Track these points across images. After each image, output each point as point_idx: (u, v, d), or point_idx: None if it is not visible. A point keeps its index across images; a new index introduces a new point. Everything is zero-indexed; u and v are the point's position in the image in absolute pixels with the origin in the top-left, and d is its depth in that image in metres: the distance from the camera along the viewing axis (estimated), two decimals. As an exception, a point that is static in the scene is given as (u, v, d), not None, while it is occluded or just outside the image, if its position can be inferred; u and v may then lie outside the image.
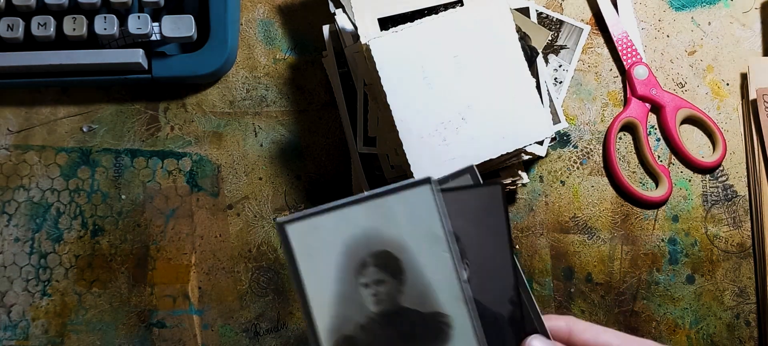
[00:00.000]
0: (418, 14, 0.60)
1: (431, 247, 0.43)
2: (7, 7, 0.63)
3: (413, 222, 0.43)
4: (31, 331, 0.61)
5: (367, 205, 0.43)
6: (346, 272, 0.42)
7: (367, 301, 0.42)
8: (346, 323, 0.42)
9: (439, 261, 0.43)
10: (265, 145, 0.65)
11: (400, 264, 0.43)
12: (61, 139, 0.65)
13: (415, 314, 0.42)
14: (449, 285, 0.43)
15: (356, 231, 0.42)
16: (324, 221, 0.42)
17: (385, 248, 0.43)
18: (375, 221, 0.43)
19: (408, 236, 0.43)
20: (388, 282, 0.42)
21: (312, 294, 0.42)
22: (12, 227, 0.63)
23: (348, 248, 0.42)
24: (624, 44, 0.67)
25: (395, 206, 0.43)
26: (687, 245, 0.63)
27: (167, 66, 0.64)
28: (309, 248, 0.42)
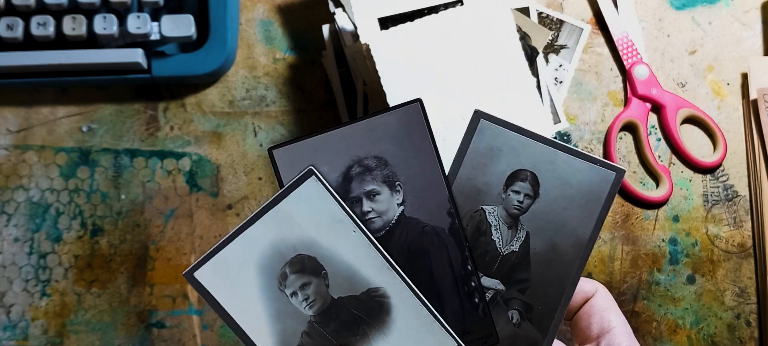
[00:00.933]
0: (418, 14, 0.60)
1: (339, 231, 0.43)
2: (6, 7, 0.63)
3: (312, 216, 0.43)
4: (31, 331, 0.61)
5: (263, 219, 0.43)
6: (270, 290, 0.43)
7: (300, 307, 0.43)
8: (290, 336, 0.43)
9: (352, 241, 0.43)
10: (264, 146, 0.65)
11: (316, 261, 0.43)
12: (60, 139, 0.65)
13: (350, 300, 0.43)
14: (371, 259, 0.43)
15: (263, 248, 0.43)
16: (229, 253, 0.43)
17: (297, 252, 0.43)
18: (276, 230, 0.43)
19: (313, 231, 0.43)
20: (312, 282, 0.43)
21: (247, 326, 0.42)
22: (11, 227, 0.63)
23: (262, 267, 0.43)
24: (624, 44, 0.67)
25: (289, 207, 0.43)
26: (687, 245, 0.63)
27: (167, 66, 0.64)
28: (224, 284, 0.43)
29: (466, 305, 0.45)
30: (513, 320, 0.45)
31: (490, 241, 0.46)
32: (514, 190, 0.46)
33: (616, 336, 0.45)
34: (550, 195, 0.46)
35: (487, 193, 0.46)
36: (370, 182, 0.45)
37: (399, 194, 0.45)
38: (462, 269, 0.45)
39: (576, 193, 0.46)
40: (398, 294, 0.43)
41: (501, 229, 0.46)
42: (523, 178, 0.46)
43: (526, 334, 0.45)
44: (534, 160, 0.46)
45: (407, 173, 0.45)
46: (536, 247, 0.46)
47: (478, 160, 0.46)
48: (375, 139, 0.45)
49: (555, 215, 0.45)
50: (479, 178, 0.46)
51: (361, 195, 0.45)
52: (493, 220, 0.46)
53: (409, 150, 0.45)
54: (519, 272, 0.46)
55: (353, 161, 0.45)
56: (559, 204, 0.45)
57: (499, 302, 0.45)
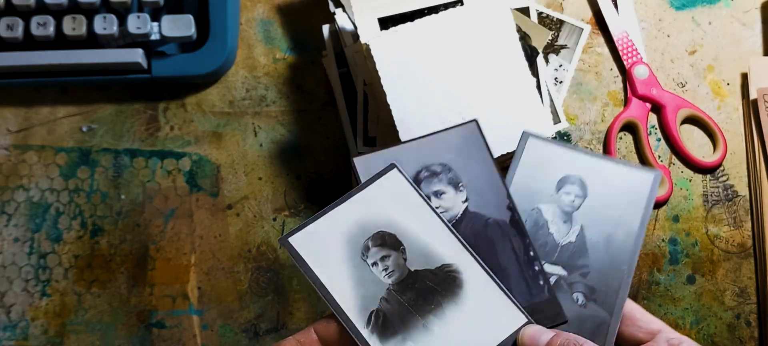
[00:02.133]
0: (418, 14, 0.60)
1: (417, 214, 0.48)
2: (6, 7, 0.63)
3: (394, 201, 0.49)
4: (31, 331, 0.61)
5: (351, 200, 0.49)
6: (354, 260, 0.47)
7: (380, 276, 0.47)
8: (370, 300, 0.46)
9: (428, 223, 0.48)
10: (264, 145, 0.65)
11: (396, 237, 0.48)
12: (60, 139, 0.65)
13: (425, 273, 0.47)
14: (444, 239, 0.48)
15: (349, 224, 0.48)
16: (320, 226, 0.48)
17: (379, 228, 0.48)
18: (362, 211, 0.48)
19: (394, 213, 0.48)
20: (391, 255, 0.47)
21: (331, 288, 0.46)
22: (11, 227, 0.63)
23: (348, 240, 0.48)
24: (624, 44, 0.67)
25: (374, 193, 0.49)
26: (687, 245, 0.63)
27: (167, 66, 0.64)
28: (315, 250, 0.47)
29: (532, 288, 0.48)
30: (578, 301, 0.48)
31: (548, 233, 0.50)
32: (566, 192, 0.51)
33: (670, 332, 0.46)
34: (598, 195, 0.51)
35: (541, 194, 0.51)
36: (437, 183, 0.51)
37: (462, 193, 0.51)
38: (525, 255, 0.49)
39: (620, 192, 0.51)
40: (470, 270, 0.47)
41: (557, 223, 0.50)
42: (572, 181, 0.51)
43: (592, 314, 0.48)
44: (579, 167, 0.51)
45: (468, 177, 0.51)
46: (592, 238, 0.50)
47: (529, 170, 0.52)
48: (439, 151, 0.52)
49: (605, 211, 0.50)
50: (531, 184, 0.51)
51: (429, 194, 0.51)
52: (550, 216, 0.51)
53: (469, 159, 0.51)
54: (579, 258, 0.49)
55: (422, 167, 0.51)
56: (607, 201, 0.51)
57: (562, 285, 0.49)
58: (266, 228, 0.63)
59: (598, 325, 0.47)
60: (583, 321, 0.47)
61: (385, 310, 0.46)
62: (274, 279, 0.62)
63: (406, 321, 0.46)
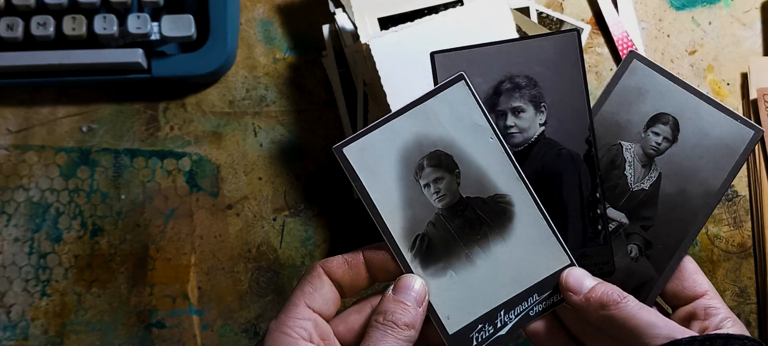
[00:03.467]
0: (418, 14, 0.60)
1: (478, 136, 0.46)
2: (6, 7, 0.62)
3: (456, 118, 0.46)
4: (31, 331, 0.61)
5: (411, 113, 0.46)
6: (406, 178, 0.46)
7: (431, 199, 0.46)
8: (417, 223, 0.45)
9: (488, 148, 0.46)
10: (264, 146, 0.65)
11: (452, 159, 0.46)
12: (60, 139, 0.65)
13: (476, 201, 0.46)
14: (502, 167, 0.46)
15: (406, 138, 0.46)
16: (375, 137, 0.46)
17: (436, 148, 0.46)
18: (421, 125, 0.46)
19: (454, 132, 0.46)
20: (445, 177, 0.46)
21: (380, 205, 0.45)
22: (11, 227, 0.63)
23: (403, 156, 0.46)
24: (624, 44, 0.67)
25: (436, 107, 0.46)
26: (687, 245, 0.63)
27: (167, 66, 0.64)
28: (368, 163, 0.45)
29: (588, 230, 0.47)
30: (631, 253, 0.47)
31: (622, 175, 0.48)
32: (655, 131, 0.47)
33: (711, 299, 0.46)
34: (688, 142, 0.47)
35: (628, 130, 0.48)
36: (518, 98, 0.47)
37: (542, 115, 0.47)
38: (590, 195, 0.47)
39: (713, 144, 0.47)
40: (523, 204, 0.46)
41: (635, 166, 0.48)
42: (664, 121, 0.48)
43: (642, 269, 0.47)
44: (678, 106, 0.47)
45: (553, 97, 0.47)
46: (666, 189, 0.47)
47: (624, 98, 0.48)
48: (529, 60, 0.47)
49: (690, 162, 0.47)
50: (622, 114, 0.48)
51: (507, 109, 0.47)
52: (629, 156, 0.48)
53: (559, 75, 0.47)
54: (645, 209, 0.47)
55: (505, 77, 0.47)
56: (696, 152, 0.47)
57: (621, 234, 0.47)
58: (266, 228, 0.63)
59: (645, 282, 0.46)
60: (631, 275, 0.46)
61: (431, 235, 0.45)
62: (274, 279, 0.62)
63: (450, 249, 0.45)
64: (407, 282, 0.45)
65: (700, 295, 0.46)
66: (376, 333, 0.43)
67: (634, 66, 0.48)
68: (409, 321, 0.44)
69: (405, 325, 0.43)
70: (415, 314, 0.44)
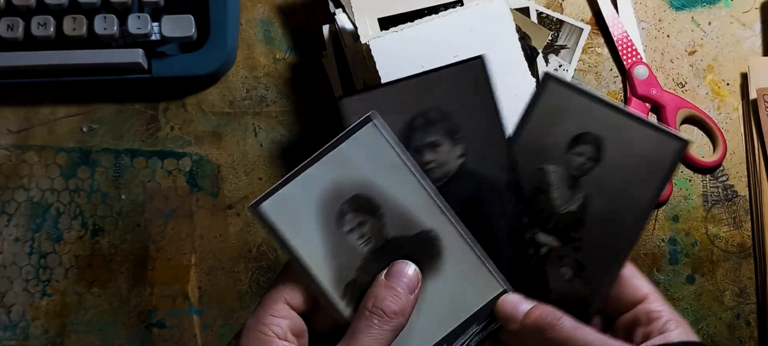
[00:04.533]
0: (418, 14, 0.60)
1: (395, 175, 0.45)
2: (7, 7, 0.63)
3: (370, 159, 0.45)
4: (31, 331, 0.61)
5: (324, 160, 0.44)
6: (329, 226, 0.44)
7: (356, 245, 0.44)
8: (345, 271, 0.44)
9: (407, 185, 0.45)
10: (265, 145, 0.65)
11: (373, 201, 0.44)
12: (60, 139, 0.65)
13: (403, 240, 0.45)
14: (424, 203, 0.45)
15: (324, 186, 0.44)
16: (292, 190, 0.44)
17: (355, 192, 0.44)
18: (336, 171, 0.44)
19: (371, 173, 0.44)
20: (368, 221, 0.44)
21: (306, 258, 0.44)
22: (12, 227, 0.63)
23: (322, 205, 0.44)
24: (624, 44, 0.67)
25: (349, 151, 0.45)
26: (687, 245, 0.63)
27: (167, 66, 0.64)
28: (287, 218, 0.44)
29: (519, 257, 0.46)
30: (565, 276, 0.46)
31: (548, 199, 0.47)
32: (577, 152, 0.46)
33: (653, 303, 0.45)
34: (613, 160, 0.46)
35: (551, 152, 0.46)
36: (432, 133, 0.46)
37: (459, 147, 0.46)
38: (517, 222, 0.46)
39: (639, 159, 0.46)
40: (450, 237, 0.45)
41: (561, 188, 0.46)
42: (587, 141, 0.46)
43: (577, 290, 0.46)
44: (600, 124, 0.46)
45: (468, 127, 0.46)
46: (595, 208, 0.46)
47: (544, 121, 0.47)
48: (439, 92, 0.46)
49: (616, 180, 0.46)
50: (544, 137, 0.47)
51: (422, 146, 0.46)
52: (554, 179, 0.47)
53: (471, 105, 0.46)
54: (575, 231, 0.46)
55: (417, 113, 0.46)
56: (622, 169, 0.46)
57: (553, 257, 0.46)
58: (266, 228, 0.63)
59: (582, 302, 0.46)
60: (567, 296, 0.45)
61: (361, 281, 0.44)
62: (274, 279, 0.62)
63: None
64: (401, 268, 0.44)
65: (640, 299, 0.45)
66: (362, 323, 0.42)
67: (552, 88, 0.47)
68: (399, 309, 0.43)
69: (393, 313, 0.42)
70: (405, 301, 0.43)
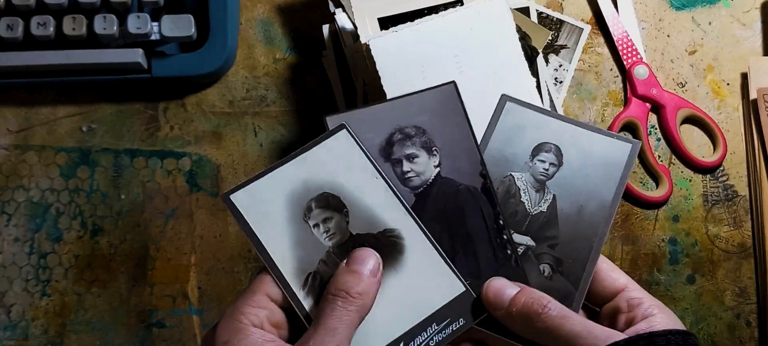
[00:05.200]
0: (418, 14, 0.60)
1: (362, 177, 0.48)
2: (6, 7, 0.63)
3: (341, 163, 0.48)
4: (31, 331, 0.61)
5: (296, 160, 0.48)
6: (295, 220, 0.47)
7: (321, 238, 0.47)
8: (308, 262, 0.46)
9: (374, 187, 0.48)
10: (265, 145, 0.65)
11: (340, 199, 0.47)
12: (60, 139, 0.65)
13: (366, 237, 0.47)
14: (389, 203, 0.48)
15: (294, 184, 0.47)
16: (263, 184, 0.47)
17: (323, 190, 0.47)
18: (307, 171, 0.48)
19: (339, 176, 0.48)
20: (334, 217, 0.47)
21: (271, 248, 0.46)
22: (11, 227, 0.63)
23: (291, 200, 0.47)
24: (624, 44, 0.67)
25: (321, 154, 0.48)
26: (687, 245, 0.63)
27: (167, 66, 0.64)
28: (256, 209, 0.46)
29: (499, 256, 0.48)
30: (545, 273, 0.49)
31: (519, 202, 0.50)
32: (540, 159, 0.51)
33: (632, 292, 0.47)
34: (573, 164, 0.51)
35: (515, 162, 0.51)
36: (410, 146, 0.50)
37: (435, 158, 0.50)
38: (495, 223, 0.49)
39: (597, 162, 0.50)
40: (412, 237, 0.47)
41: (529, 192, 0.50)
42: (547, 149, 0.51)
43: (558, 286, 0.48)
44: (556, 134, 0.51)
45: (443, 140, 0.50)
46: (563, 208, 0.50)
47: (505, 135, 0.51)
48: (415, 112, 0.50)
49: (579, 181, 0.50)
50: (507, 149, 0.51)
51: (401, 157, 0.50)
52: (522, 184, 0.50)
53: (445, 122, 0.50)
54: (548, 229, 0.49)
55: (395, 129, 0.50)
56: (582, 172, 0.50)
57: (530, 256, 0.49)
58: (266, 228, 0.63)
59: (564, 297, 0.47)
60: (548, 292, 0.47)
61: (322, 272, 0.46)
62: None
63: None
64: (361, 253, 0.45)
65: (619, 289, 0.47)
66: (326, 307, 0.43)
67: (508, 107, 0.52)
68: (362, 290, 0.43)
69: (357, 293, 0.43)
70: (368, 283, 0.44)
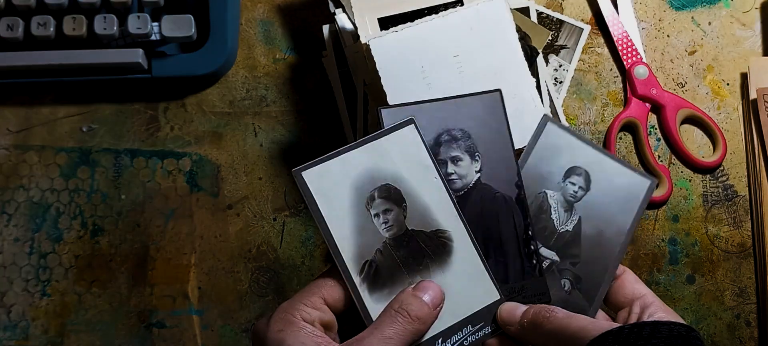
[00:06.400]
0: (418, 14, 0.60)
1: (423, 175, 0.50)
2: (7, 7, 0.63)
3: (405, 157, 0.50)
4: (31, 331, 0.61)
5: (365, 147, 0.49)
6: (358, 206, 0.49)
7: (380, 228, 0.49)
8: (366, 250, 0.48)
9: (432, 186, 0.50)
10: (265, 146, 0.65)
11: (400, 193, 0.49)
12: (60, 139, 0.65)
13: (420, 234, 0.49)
14: (444, 205, 0.50)
15: (360, 170, 0.49)
16: (332, 165, 0.49)
17: (387, 182, 0.49)
18: (374, 160, 0.49)
19: (403, 169, 0.50)
20: (393, 210, 0.49)
21: (334, 229, 0.48)
22: (12, 227, 0.63)
23: (356, 186, 0.49)
24: (624, 44, 0.67)
25: (388, 145, 0.50)
26: (687, 245, 0.63)
27: (167, 66, 0.64)
28: (324, 189, 0.48)
29: (526, 265, 0.52)
30: (565, 287, 0.52)
31: (549, 219, 0.53)
32: (571, 182, 0.54)
33: (647, 298, 0.50)
34: (599, 190, 0.54)
35: (550, 180, 0.54)
36: (455, 149, 0.52)
37: (477, 163, 0.52)
38: (524, 233, 0.52)
39: (619, 192, 0.54)
40: (460, 241, 0.50)
41: (559, 211, 0.54)
42: (578, 173, 0.54)
43: (575, 301, 0.52)
44: (587, 160, 0.54)
45: (485, 147, 0.53)
46: (586, 230, 0.53)
47: (543, 153, 0.55)
48: (462, 115, 0.53)
49: (602, 207, 0.54)
50: (544, 167, 0.54)
51: (446, 158, 0.52)
52: (553, 202, 0.54)
53: (488, 129, 0.53)
54: (571, 248, 0.53)
55: (443, 130, 0.52)
56: (606, 199, 0.54)
57: (554, 270, 0.53)
58: (266, 228, 0.63)
59: (579, 312, 0.49)
60: (566, 305, 0.49)
61: (378, 262, 0.48)
62: (274, 279, 0.62)
63: (394, 277, 0.48)
64: (428, 284, 0.48)
65: (638, 297, 0.50)
66: (387, 318, 0.46)
67: (549, 128, 0.55)
68: (421, 315, 0.46)
69: (416, 317, 0.46)
70: (427, 311, 0.47)
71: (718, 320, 0.62)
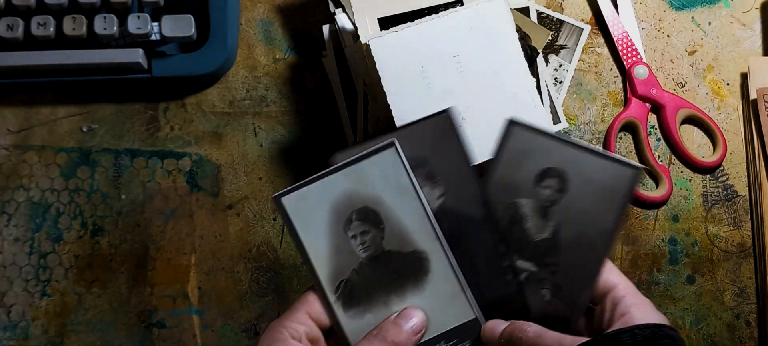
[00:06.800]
0: (418, 14, 0.60)
1: (403, 197, 0.50)
2: (6, 7, 0.62)
3: (385, 179, 0.50)
4: (31, 331, 0.61)
5: (345, 171, 0.50)
6: (336, 229, 0.49)
7: (356, 249, 0.49)
8: (342, 270, 0.49)
9: (411, 208, 0.50)
10: (265, 145, 0.65)
11: (378, 216, 0.50)
12: (60, 139, 0.65)
13: (397, 255, 0.50)
14: (422, 227, 0.50)
15: (339, 194, 0.50)
16: (311, 190, 0.50)
17: (365, 204, 0.50)
18: (353, 183, 0.50)
19: (382, 192, 0.50)
20: (371, 231, 0.50)
21: (311, 251, 0.49)
22: (12, 227, 0.63)
23: (334, 209, 0.50)
24: (624, 44, 0.67)
25: (368, 168, 0.50)
26: (687, 245, 0.63)
27: (167, 66, 0.64)
28: (302, 213, 0.49)
29: (501, 281, 0.51)
30: (545, 297, 0.51)
31: (524, 229, 0.51)
32: (544, 186, 0.51)
33: (619, 289, 0.48)
34: (577, 190, 0.51)
35: (521, 187, 0.51)
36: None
37: (438, 188, 0.51)
38: (496, 250, 0.51)
39: (600, 188, 0.50)
40: (439, 262, 0.50)
41: (533, 219, 0.51)
42: (552, 175, 0.51)
43: (556, 310, 0.50)
44: (562, 160, 0.51)
45: (444, 170, 0.51)
46: (566, 235, 0.51)
47: (512, 159, 0.52)
48: (414, 143, 0.51)
49: (582, 208, 0.50)
50: (514, 174, 0.51)
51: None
52: (527, 211, 0.51)
53: (444, 151, 0.51)
54: (550, 256, 0.51)
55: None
56: (585, 198, 0.51)
57: (532, 281, 0.51)
58: (266, 228, 0.63)
59: (561, 320, 0.49)
60: (547, 315, 0.49)
61: (354, 281, 0.49)
62: (274, 279, 0.62)
63: (370, 295, 0.49)
64: (410, 312, 0.49)
65: (609, 289, 0.49)
66: (367, 343, 0.47)
67: (516, 132, 0.52)
68: (399, 341, 0.47)
69: (393, 342, 0.47)
70: (406, 338, 0.48)
71: (718, 320, 0.62)
